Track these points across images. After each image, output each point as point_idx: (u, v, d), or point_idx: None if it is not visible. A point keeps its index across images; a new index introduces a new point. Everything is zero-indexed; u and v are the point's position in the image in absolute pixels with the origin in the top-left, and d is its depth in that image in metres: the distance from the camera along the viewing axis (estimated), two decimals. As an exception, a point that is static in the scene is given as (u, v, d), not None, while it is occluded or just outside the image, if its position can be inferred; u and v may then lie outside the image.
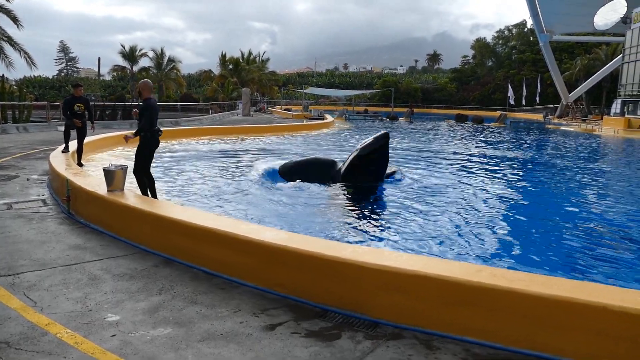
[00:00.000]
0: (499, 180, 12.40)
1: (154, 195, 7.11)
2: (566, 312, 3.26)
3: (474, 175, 13.03)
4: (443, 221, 7.78)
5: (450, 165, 15.13)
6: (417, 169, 13.78)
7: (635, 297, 3.25)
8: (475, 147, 22.43)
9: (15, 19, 22.87)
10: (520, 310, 3.40)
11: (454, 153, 19.03)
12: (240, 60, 60.62)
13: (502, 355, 3.40)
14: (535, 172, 14.67)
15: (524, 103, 62.72)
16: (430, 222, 7.74)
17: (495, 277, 3.60)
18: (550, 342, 3.32)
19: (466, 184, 11.48)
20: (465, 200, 9.52)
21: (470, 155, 18.33)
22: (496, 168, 14.88)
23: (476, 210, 8.69)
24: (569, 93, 52.85)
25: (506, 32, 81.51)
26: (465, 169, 14.21)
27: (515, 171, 14.51)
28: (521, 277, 3.64)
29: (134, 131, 6.95)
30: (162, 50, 54.82)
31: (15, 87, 36.73)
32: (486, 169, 14.44)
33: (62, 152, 11.11)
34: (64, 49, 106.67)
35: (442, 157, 17.49)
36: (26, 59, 23.48)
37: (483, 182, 11.81)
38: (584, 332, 3.22)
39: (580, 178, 13.55)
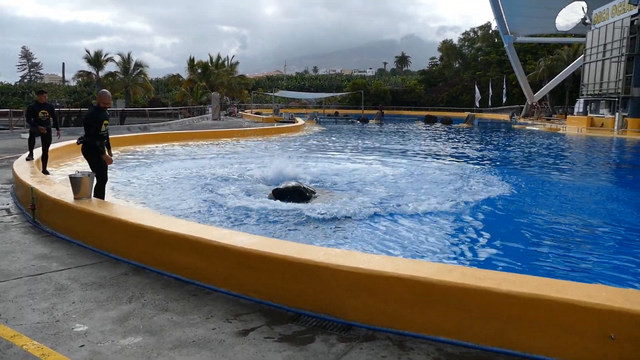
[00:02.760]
0: (467, 180, 12.61)
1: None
2: (535, 310, 3.33)
3: (442, 175, 13.21)
4: (413, 222, 7.87)
5: (420, 165, 15.32)
6: (387, 168, 13.92)
7: (602, 293, 3.34)
8: (445, 147, 22.78)
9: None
10: (491, 308, 3.46)
11: (424, 153, 19.29)
12: (209, 64, 60.11)
13: (474, 353, 3.46)
14: (502, 171, 14.98)
15: (490, 104, 64.02)
16: (401, 223, 7.82)
17: (465, 276, 3.65)
18: (521, 339, 3.39)
19: (434, 183, 11.64)
20: (434, 200, 9.65)
21: (440, 155, 18.61)
22: (464, 168, 15.13)
23: (446, 209, 8.82)
24: (534, 93, 54.20)
25: (472, 34, 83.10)
26: (434, 169, 14.41)
27: (482, 170, 14.79)
28: (491, 276, 3.71)
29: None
30: (128, 55, 53.89)
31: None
32: (455, 169, 14.67)
33: (27, 159, 10.82)
34: (26, 54, 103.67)
35: (411, 157, 17.70)
36: (-14, 65, 22.74)
37: (452, 182, 11.99)
38: (554, 329, 3.29)
39: (546, 176, 13.91)
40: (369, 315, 3.84)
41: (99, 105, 6.90)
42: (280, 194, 9.35)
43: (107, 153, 6.94)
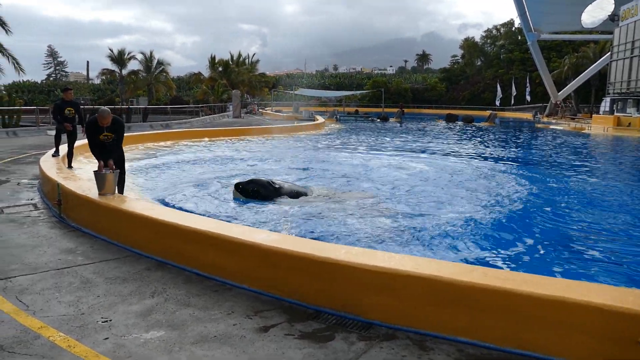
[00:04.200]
0: (490, 179, 12.48)
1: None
2: (559, 312, 3.28)
3: (463, 174, 13.09)
4: (434, 221, 7.82)
5: (440, 163, 15.19)
6: (407, 166, 13.84)
7: (627, 297, 3.27)
8: (466, 146, 22.55)
9: (3, 25, 22.61)
10: (513, 310, 3.42)
11: (445, 152, 19.12)
12: (230, 63, 60.43)
13: (495, 355, 3.43)
14: (525, 170, 14.77)
15: (512, 102, 63.11)
16: (422, 222, 7.77)
17: (487, 277, 3.62)
18: (543, 342, 3.35)
19: (454, 182, 11.54)
20: (456, 200, 9.57)
21: (461, 154, 18.42)
22: (486, 167, 14.96)
23: (468, 210, 8.74)
24: (558, 92, 53.23)
25: (494, 32, 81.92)
26: (456, 168, 14.28)
27: (505, 170, 14.60)
28: (513, 277, 3.67)
29: None
30: (151, 53, 54.18)
31: (4, 92, 36.45)
32: (476, 169, 14.51)
33: (53, 156, 11.05)
34: (52, 53, 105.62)
35: (432, 156, 17.57)
36: (14, 65, 23.24)
37: (473, 182, 11.88)
38: (577, 332, 3.24)
39: (571, 177, 13.66)
40: (389, 314, 3.84)
41: (98, 122, 7.12)
42: (243, 190, 9.02)
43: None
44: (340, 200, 9.25)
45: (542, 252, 6.53)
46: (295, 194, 9.26)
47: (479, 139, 27.58)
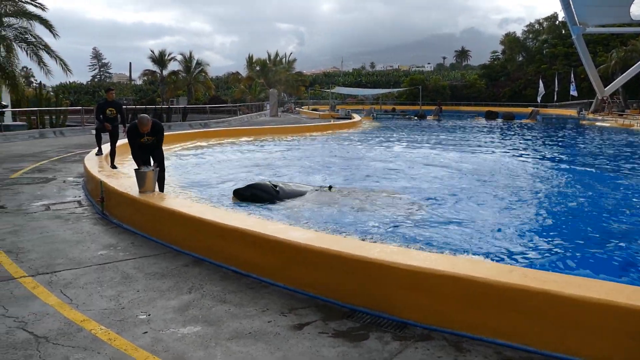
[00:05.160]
0: (531, 178, 12.14)
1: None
2: (603, 316, 3.16)
3: (504, 172, 12.78)
4: (472, 219, 7.66)
5: (479, 161, 14.88)
6: (444, 163, 13.62)
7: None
8: (507, 144, 22.01)
9: (51, 28, 23.58)
10: (554, 312, 3.31)
11: (484, 149, 18.72)
12: (267, 62, 61.10)
13: (536, 358, 3.32)
14: (570, 169, 14.29)
15: (555, 98, 61.20)
16: (460, 220, 7.63)
17: (527, 278, 3.52)
18: (586, 346, 3.23)
19: (496, 181, 11.28)
20: (495, 198, 9.36)
21: (501, 152, 18.00)
22: (527, 165, 14.56)
23: (508, 209, 8.53)
24: (605, 87, 51.20)
25: (537, 26, 79.50)
26: (495, 166, 13.95)
27: (548, 169, 14.17)
28: (554, 278, 3.55)
29: None
30: (190, 54, 55.38)
31: (52, 93, 38.01)
32: (517, 167, 14.14)
33: (96, 154, 11.40)
34: (97, 55, 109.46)
35: (470, 153, 17.22)
36: (62, 66, 24.17)
37: (514, 181, 11.58)
38: (622, 337, 3.11)
39: (621, 177, 13.12)
40: (425, 314, 3.78)
41: (138, 129, 7.31)
42: (242, 195, 8.78)
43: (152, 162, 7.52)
44: (364, 198, 9.13)
45: (588, 253, 6.30)
46: (303, 194, 9.07)
47: (520, 136, 26.89)
